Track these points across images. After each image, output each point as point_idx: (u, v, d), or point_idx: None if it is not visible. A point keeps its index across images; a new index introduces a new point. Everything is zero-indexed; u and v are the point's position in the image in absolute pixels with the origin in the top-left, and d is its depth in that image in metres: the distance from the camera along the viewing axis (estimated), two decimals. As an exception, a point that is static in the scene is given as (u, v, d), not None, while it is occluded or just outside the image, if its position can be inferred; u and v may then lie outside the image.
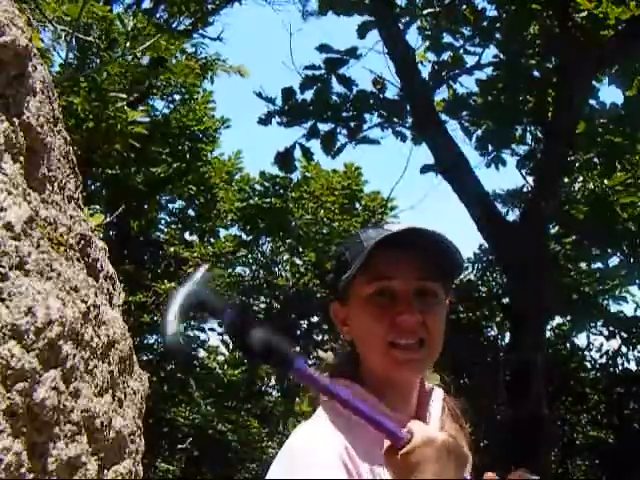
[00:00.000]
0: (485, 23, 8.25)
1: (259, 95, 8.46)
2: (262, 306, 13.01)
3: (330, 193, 12.30)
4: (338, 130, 8.50)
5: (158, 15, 9.43)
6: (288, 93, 8.44)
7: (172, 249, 11.38)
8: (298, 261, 12.87)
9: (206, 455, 11.55)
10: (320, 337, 12.90)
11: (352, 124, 8.49)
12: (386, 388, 1.34)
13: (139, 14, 8.22)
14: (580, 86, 7.79)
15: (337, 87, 8.40)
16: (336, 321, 1.41)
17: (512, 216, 9.85)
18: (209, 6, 9.18)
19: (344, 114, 8.48)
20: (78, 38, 6.74)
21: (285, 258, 13.17)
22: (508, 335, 10.19)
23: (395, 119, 8.55)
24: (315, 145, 8.68)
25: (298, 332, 12.90)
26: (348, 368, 1.39)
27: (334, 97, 8.46)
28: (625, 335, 11.42)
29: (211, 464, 11.59)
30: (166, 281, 11.16)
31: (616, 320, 11.37)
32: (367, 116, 8.56)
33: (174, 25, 8.99)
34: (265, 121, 8.48)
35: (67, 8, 6.46)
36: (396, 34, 8.06)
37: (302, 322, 13.01)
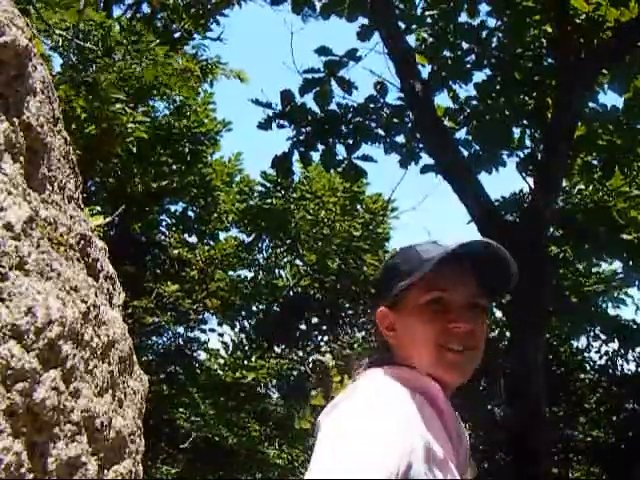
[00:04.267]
0: (484, 33, 8.30)
1: (256, 102, 8.45)
2: (262, 307, 13.01)
3: (332, 194, 12.30)
4: (336, 144, 8.52)
5: (157, 17, 9.44)
6: (287, 96, 8.44)
7: (176, 251, 11.38)
8: (298, 262, 12.87)
9: (206, 457, 11.53)
10: (320, 338, 12.90)
11: (350, 141, 8.51)
12: None
13: (136, 18, 8.24)
14: (580, 87, 7.79)
15: (336, 89, 8.42)
16: (381, 325, 1.49)
17: (512, 217, 9.87)
18: (209, 6, 9.18)
19: (343, 127, 8.49)
20: (77, 45, 6.75)
21: (285, 260, 13.17)
22: (508, 335, 10.20)
23: (395, 119, 8.54)
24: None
25: (297, 334, 12.90)
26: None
27: (334, 106, 8.47)
28: (623, 338, 11.45)
29: (212, 466, 11.58)
30: (169, 283, 11.16)
31: (614, 323, 11.39)
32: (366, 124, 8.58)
33: (174, 30, 8.99)
34: (265, 126, 8.47)
35: (66, 14, 6.48)
36: (396, 34, 8.07)
37: (301, 324, 13.01)
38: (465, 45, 8.40)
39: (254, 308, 13.02)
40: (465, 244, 1.41)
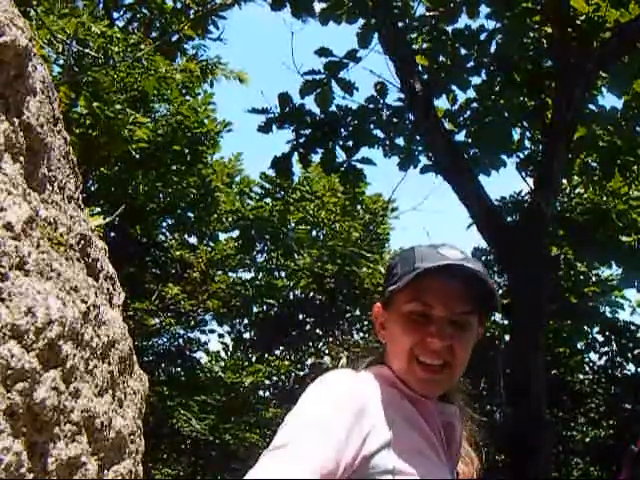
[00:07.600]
0: (483, 36, 8.30)
1: (253, 110, 8.45)
2: (261, 309, 12.99)
3: (332, 194, 12.28)
4: (336, 147, 8.52)
5: (156, 19, 9.43)
6: (285, 99, 8.44)
7: (178, 253, 11.37)
8: (294, 266, 12.85)
9: (207, 459, 11.52)
10: (318, 340, 12.89)
11: (350, 143, 8.51)
12: None
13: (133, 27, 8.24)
14: (580, 88, 7.79)
15: (337, 90, 8.41)
16: (375, 322, 1.55)
17: (512, 217, 9.87)
18: (208, 6, 9.16)
19: (342, 130, 8.49)
20: (77, 50, 6.75)
21: (283, 262, 13.16)
22: (508, 335, 10.20)
23: (395, 119, 8.54)
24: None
25: (294, 335, 12.88)
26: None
27: (334, 108, 8.46)
28: (622, 340, 11.45)
29: (212, 469, 11.56)
30: (171, 285, 11.16)
31: (611, 325, 11.39)
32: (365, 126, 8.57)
33: (172, 33, 8.97)
34: (265, 129, 8.47)
35: (65, 23, 6.48)
36: (396, 34, 8.06)
37: (300, 326, 12.99)
38: (463, 51, 8.40)
39: (254, 309, 13.01)
40: (448, 264, 1.41)
